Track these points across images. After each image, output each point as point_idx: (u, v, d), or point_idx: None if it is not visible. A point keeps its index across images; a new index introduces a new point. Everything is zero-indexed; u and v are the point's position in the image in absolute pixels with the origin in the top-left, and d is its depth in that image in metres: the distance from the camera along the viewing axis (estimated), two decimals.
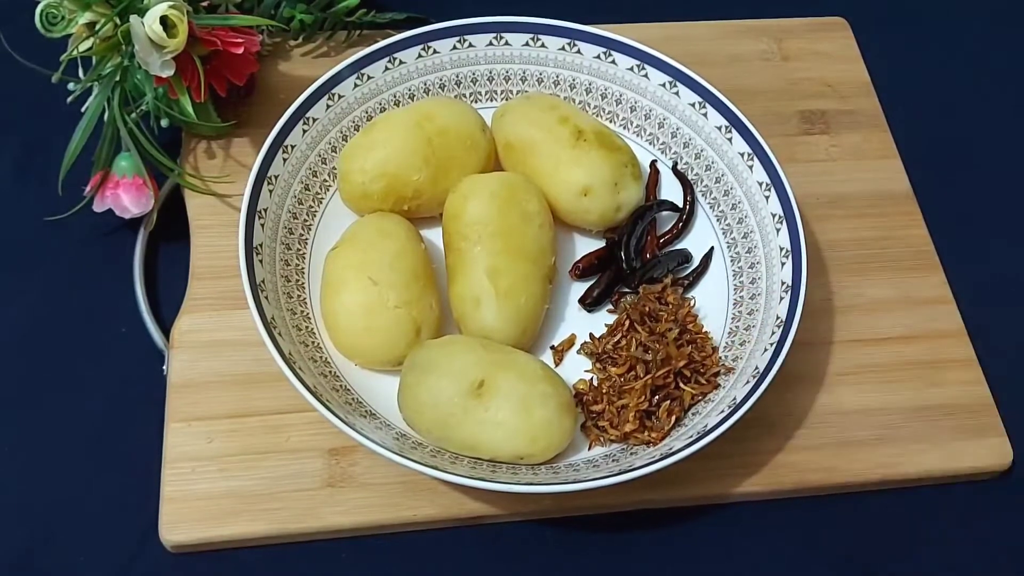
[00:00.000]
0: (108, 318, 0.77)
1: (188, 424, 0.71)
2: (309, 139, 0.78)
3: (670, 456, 0.65)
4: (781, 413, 0.74)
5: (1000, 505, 0.75)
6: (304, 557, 0.69)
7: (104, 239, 0.80)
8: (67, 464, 0.71)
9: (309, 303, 0.74)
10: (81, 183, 0.78)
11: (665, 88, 0.81)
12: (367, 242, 0.73)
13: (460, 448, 0.67)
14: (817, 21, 0.96)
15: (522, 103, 0.80)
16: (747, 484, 0.72)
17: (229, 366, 0.73)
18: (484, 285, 0.71)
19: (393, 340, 0.70)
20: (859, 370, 0.77)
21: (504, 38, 0.82)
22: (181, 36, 0.72)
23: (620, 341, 0.73)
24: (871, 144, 0.89)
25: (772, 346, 0.70)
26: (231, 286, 0.72)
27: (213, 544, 0.68)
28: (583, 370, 0.74)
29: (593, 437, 0.71)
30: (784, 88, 0.91)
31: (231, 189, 0.80)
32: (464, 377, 0.66)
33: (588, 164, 0.76)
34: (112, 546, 0.69)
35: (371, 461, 0.70)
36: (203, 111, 0.79)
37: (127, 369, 0.75)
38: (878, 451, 0.74)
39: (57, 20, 0.74)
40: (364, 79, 0.80)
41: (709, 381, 0.72)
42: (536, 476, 0.66)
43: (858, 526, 0.73)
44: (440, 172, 0.76)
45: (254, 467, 0.70)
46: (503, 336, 0.71)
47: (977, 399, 0.77)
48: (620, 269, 0.77)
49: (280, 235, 0.75)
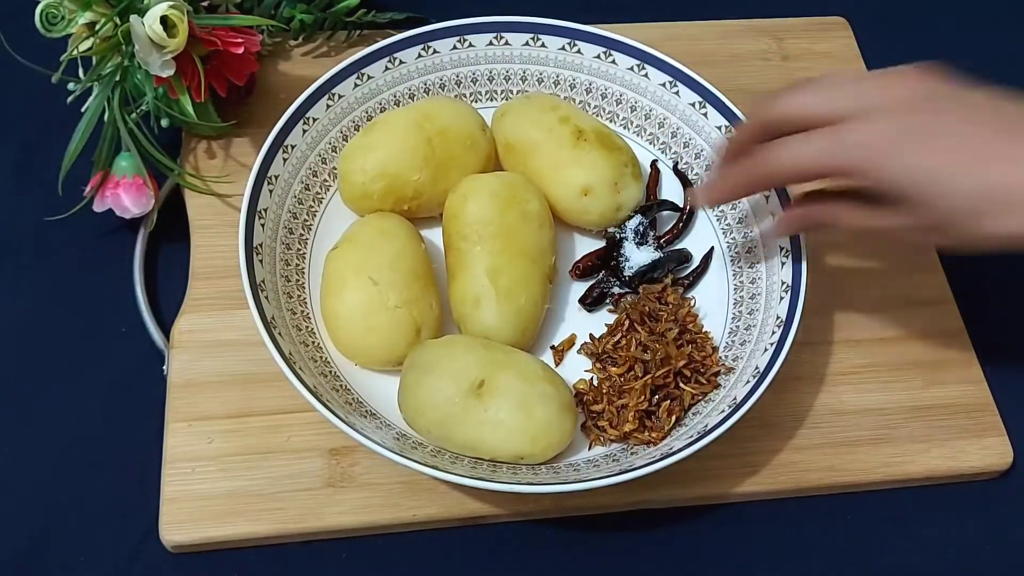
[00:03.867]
0: (108, 318, 0.77)
1: (188, 424, 0.71)
2: (309, 139, 0.78)
3: (670, 456, 0.65)
4: (781, 413, 0.74)
5: (1000, 505, 0.75)
6: (304, 557, 0.69)
7: (104, 239, 0.80)
8: (67, 464, 0.71)
9: (309, 303, 0.74)
10: (81, 183, 0.78)
11: (665, 88, 0.81)
12: (367, 242, 0.73)
13: (460, 448, 0.67)
14: (817, 21, 0.96)
15: (522, 103, 0.80)
16: (747, 484, 0.72)
17: (229, 366, 0.73)
18: (484, 285, 0.71)
19: (393, 340, 0.70)
20: (859, 370, 0.77)
21: (504, 38, 0.82)
22: (181, 36, 0.72)
23: (620, 341, 0.73)
24: None
25: (772, 346, 0.70)
26: (231, 286, 0.72)
27: (213, 544, 0.68)
28: (583, 370, 0.74)
29: (593, 437, 0.71)
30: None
31: (231, 189, 0.80)
32: (464, 377, 0.66)
33: (588, 164, 0.76)
34: (112, 546, 0.69)
35: (372, 461, 0.70)
36: (203, 111, 0.79)
37: (127, 369, 0.75)
38: (878, 451, 0.74)
39: (57, 20, 0.74)
40: (364, 79, 0.80)
41: (709, 381, 0.72)
42: (536, 476, 0.66)
43: (858, 526, 0.73)
44: (440, 172, 0.76)
45: (254, 467, 0.70)
46: (503, 336, 0.71)
47: (977, 399, 0.77)
48: (619, 270, 0.77)
49: (280, 235, 0.75)
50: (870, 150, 0.60)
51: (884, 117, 0.60)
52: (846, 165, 0.61)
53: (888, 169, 0.60)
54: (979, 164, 0.59)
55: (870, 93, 0.61)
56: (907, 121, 0.60)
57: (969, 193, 0.59)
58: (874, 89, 0.62)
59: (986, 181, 0.59)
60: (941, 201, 0.60)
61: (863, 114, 0.60)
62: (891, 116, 0.60)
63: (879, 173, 0.60)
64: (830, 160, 0.61)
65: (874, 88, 0.62)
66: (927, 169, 0.59)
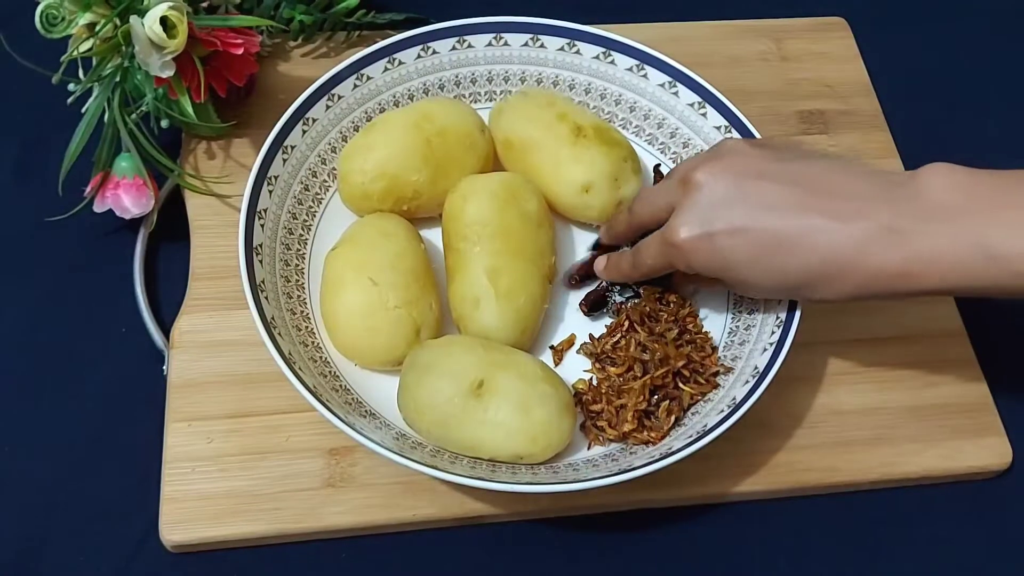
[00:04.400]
0: (108, 318, 0.77)
1: (188, 424, 0.71)
2: (309, 139, 0.78)
3: (669, 456, 0.65)
4: (780, 413, 0.74)
5: (1000, 505, 0.75)
6: (304, 557, 0.69)
7: (104, 239, 0.80)
8: (67, 464, 0.71)
9: (309, 303, 0.74)
10: (81, 183, 0.78)
11: (664, 88, 0.82)
12: (367, 242, 0.73)
13: (460, 448, 0.67)
14: (817, 21, 0.96)
15: (519, 100, 0.80)
16: (747, 484, 0.72)
17: (229, 366, 0.73)
18: (484, 285, 0.71)
19: (393, 340, 0.70)
20: (858, 370, 0.77)
21: (503, 38, 0.82)
22: (181, 37, 0.72)
23: (619, 341, 0.73)
24: (870, 144, 0.89)
25: (772, 346, 0.70)
26: (231, 286, 0.72)
27: (213, 544, 0.68)
28: (582, 370, 0.74)
29: (592, 437, 0.71)
30: (783, 88, 0.91)
31: (231, 189, 0.80)
32: (464, 377, 0.66)
33: (588, 161, 0.76)
34: (112, 546, 0.69)
35: (371, 461, 0.70)
36: (203, 111, 0.79)
37: (127, 369, 0.75)
38: (877, 451, 0.74)
39: (57, 21, 0.74)
40: (364, 79, 0.80)
41: (708, 381, 0.72)
42: (536, 476, 0.66)
43: (857, 526, 0.73)
44: (439, 172, 0.76)
45: (254, 467, 0.70)
46: (503, 336, 0.71)
47: (976, 399, 0.77)
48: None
49: (280, 235, 0.75)
50: (678, 251, 0.65)
51: (690, 213, 0.64)
52: (671, 264, 0.68)
53: (690, 265, 0.65)
54: (780, 251, 0.62)
55: (678, 192, 0.66)
56: (709, 215, 0.64)
57: (771, 277, 0.64)
58: (686, 187, 0.65)
59: (786, 264, 0.63)
60: (752, 284, 0.65)
61: (677, 212, 0.65)
62: (696, 211, 0.64)
63: (687, 267, 0.66)
64: (660, 261, 0.68)
65: (685, 186, 0.65)
66: (726, 265, 0.64)
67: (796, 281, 0.63)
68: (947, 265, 0.59)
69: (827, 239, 0.61)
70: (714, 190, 0.63)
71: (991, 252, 0.58)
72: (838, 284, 0.62)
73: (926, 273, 0.60)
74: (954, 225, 0.59)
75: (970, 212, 0.59)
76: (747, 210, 0.62)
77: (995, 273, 0.59)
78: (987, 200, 0.59)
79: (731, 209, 0.63)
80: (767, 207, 0.62)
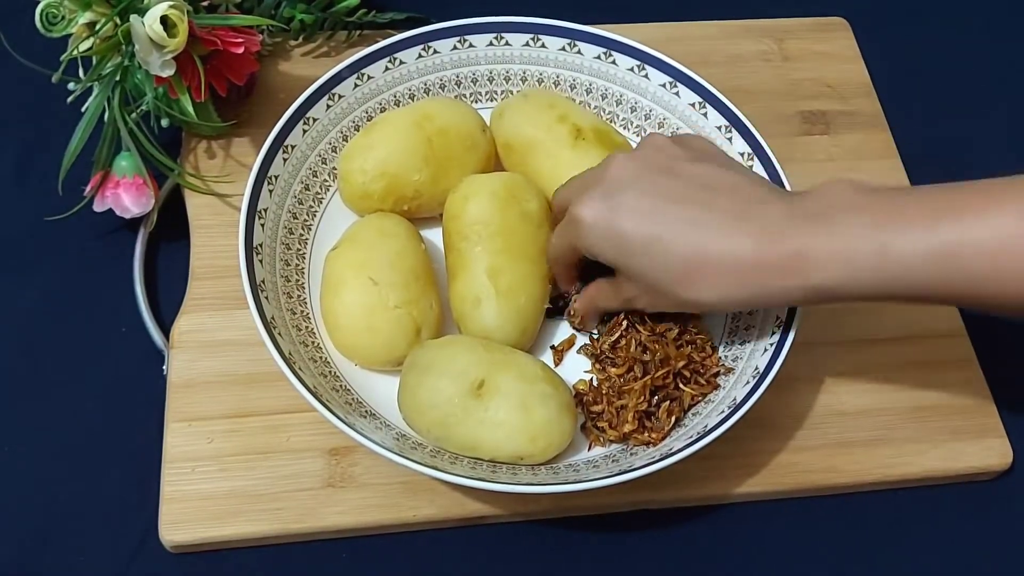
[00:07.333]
0: (108, 318, 0.77)
1: (188, 424, 0.71)
2: (309, 139, 0.78)
3: (670, 456, 0.65)
4: (781, 414, 0.74)
5: (1000, 505, 0.75)
6: (304, 557, 0.69)
7: (104, 239, 0.80)
8: (67, 464, 0.71)
9: (309, 303, 0.74)
10: (81, 183, 0.78)
11: (665, 88, 0.81)
12: (367, 242, 0.73)
13: (460, 448, 0.67)
14: (817, 21, 0.96)
15: (520, 102, 0.80)
16: (747, 484, 0.72)
17: (229, 366, 0.73)
18: (484, 285, 0.71)
19: (393, 340, 0.70)
20: (859, 370, 0.77)
21: (504, 38, 0.82)
22: (181, 36, 0.72)
23: (619, 341, 0.73)
24: (871, 144, 0.89)
25: (772, 346, 0.70)
26: (231, 286, 0.72)
27: (213, 544, 0.68)
28: (583, 370, 0.74)
29: (593, 437, 0.71)
30: (784, 88, 0.91)
31: (231, 189, 0.80)
32: (464, 377, 0.66)
33: (588, 163, 0.76)
34: (112, 546, 0.69)
35: (371, 461, 0.70)
36: (203, 111, 0.79)
37: (127, 369, 0.75)
38: (878, 451, 0.74)
39: (57, 20, 0.74)
40: (364, 79, 0.80)
41: (709, 381, 0.72)
42: (536, 476, 0.66)
43: (858, 526, 0.73)
44: (440, 172, 0.76)
45: (254, 467, 0.70)
46: (503, 336, 0.71)
47: (977, 399, 0.77)
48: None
49: (280, 235, 0.75)
50: (579, 226, 0.66)
51: (596, 191, 0.65)
52: (571, 244, 0.68)
53: (587, 243, 0.66)
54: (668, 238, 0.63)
55: (591, 176, 0.67)
56: (615, 196, 0.64)
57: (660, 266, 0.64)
58: (598, 170, 0.67)
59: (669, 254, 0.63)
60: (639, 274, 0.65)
61: (587, 191, 0.66)
62: (601, 190, 0.65)
63: (584, 245, 0.66)
64: (563, 240, 0.69)
65: (598, 170, 0.67)
66: (620, 246, 0.64)
67: (677, 274, 0.63)
68: (840, 262, 0.59)
69: (712, 234, 0.62)
70: (622, 176, 0.65)
71: (886, 250, 0.58)
72: (712, 279, 0.62)
73: (808, 268, 0.60)
74: (848, 224, 0.59)
75: (867, 214, 0.59)
76: (649, 199, 0.64)
77: (891, 273, 0.58)
78: (884, 206, 0.59)
79: (635, 195, 0.64)
80: (667, 199, 0.64)
